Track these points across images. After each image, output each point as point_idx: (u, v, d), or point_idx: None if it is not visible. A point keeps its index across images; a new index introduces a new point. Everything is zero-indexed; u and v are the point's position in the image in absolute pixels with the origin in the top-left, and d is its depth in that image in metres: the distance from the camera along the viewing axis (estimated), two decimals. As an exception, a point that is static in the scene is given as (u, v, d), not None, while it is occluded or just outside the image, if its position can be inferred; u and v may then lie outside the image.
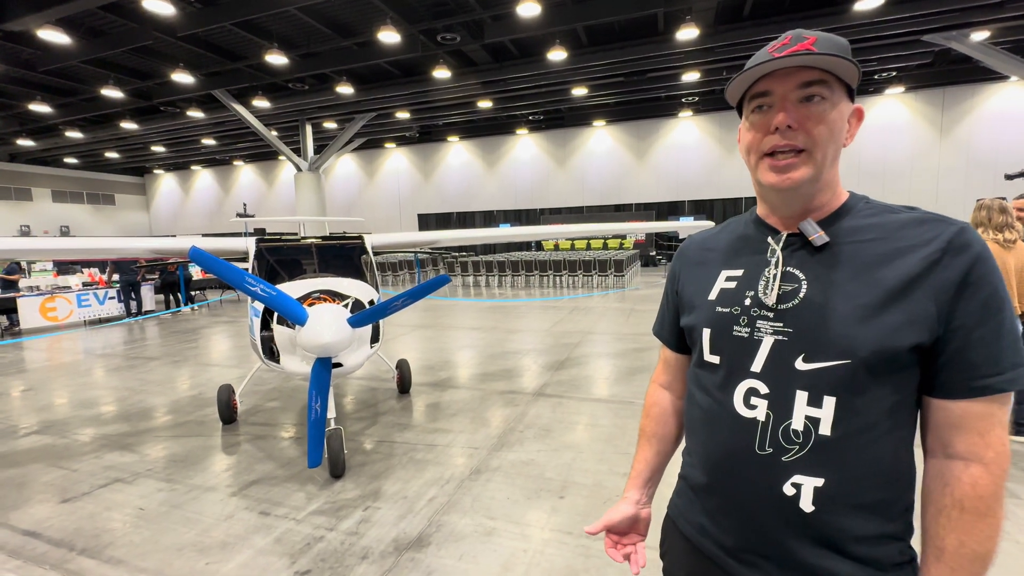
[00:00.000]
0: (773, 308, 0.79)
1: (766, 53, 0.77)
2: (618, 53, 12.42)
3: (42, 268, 14.01)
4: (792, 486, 0.74)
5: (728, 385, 0.83)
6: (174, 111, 16.86)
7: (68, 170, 27.01)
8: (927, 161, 17.64)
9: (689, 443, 0.94)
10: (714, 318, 0.86)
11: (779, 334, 0.78)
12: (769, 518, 0.77)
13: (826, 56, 0.72)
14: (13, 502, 2.97)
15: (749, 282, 0.84)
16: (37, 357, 7.14)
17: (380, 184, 25.58)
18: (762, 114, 0.79)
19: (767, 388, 0.78)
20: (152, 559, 2.38)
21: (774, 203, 0.85)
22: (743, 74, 0.78)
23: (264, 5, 9.53)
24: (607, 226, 6.95)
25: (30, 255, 3.93)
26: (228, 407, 4.03)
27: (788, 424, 0.75)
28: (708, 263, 0.94)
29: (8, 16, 9.25)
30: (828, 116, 0.76)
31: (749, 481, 0.79)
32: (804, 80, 0.75)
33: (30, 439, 3.97)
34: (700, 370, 0.91)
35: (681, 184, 20.73)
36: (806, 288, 0.78)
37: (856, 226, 0.79)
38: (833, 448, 0.73)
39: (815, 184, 0.79)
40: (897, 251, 0.73)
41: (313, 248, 3.96)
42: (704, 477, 0.87)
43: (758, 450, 0.77)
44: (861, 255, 0.75)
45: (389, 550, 2.38)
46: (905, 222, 0.76)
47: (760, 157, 0.80)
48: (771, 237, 0.85)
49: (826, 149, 0.76)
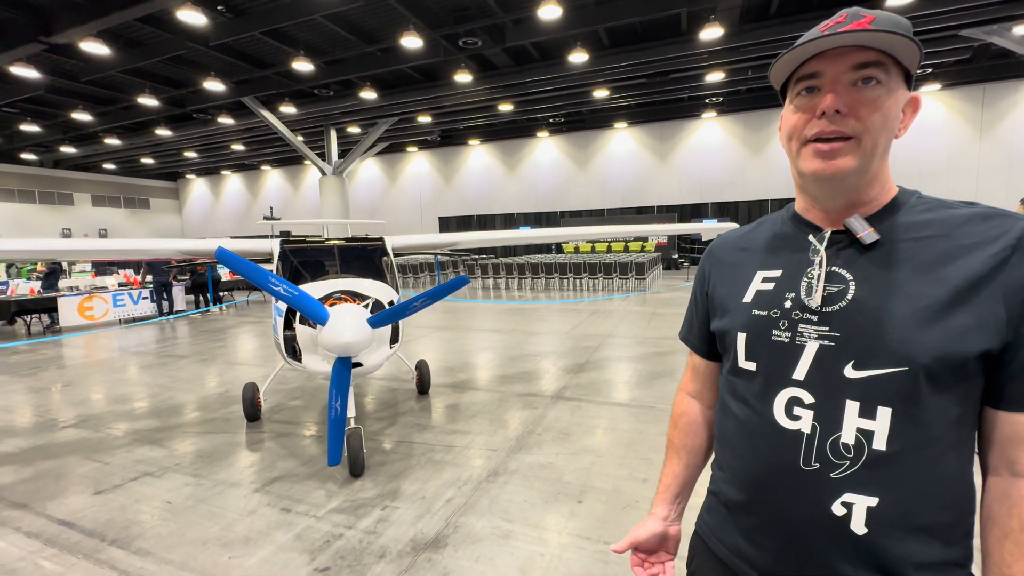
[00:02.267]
0: (817, 311, 0.73)
1: (817, 31, 0.70)
2: (640, 54, 12.31)
3: (82, 269, 14.65)
4: (842, 505, 0.68)
5: (767, 394, 0.77)
6: (206, 118, 17.46)
7: (106, 175, 28.22)
8: (966, 160, 16.93)
9: (721, 456, 0.88)
10: (750, 322, 0.80)
11: (825, 339, 0.72)
12: (816, 540, 0.70)
13: (887, 34, 0.66)
14: (51, 493, 3.10)
15: (789, 283, 0.78)
16: (75, 354, 7.45)
17: (402, 187, 25.92)
18: (809, 97, 0.73)
19: (812, 397, 0.72)
20: (178, 551, 2.44)
21: (816, 195, 0.78)
22: (791, 52, 0.71)
23: (291, 13, 9.79)
24: (627, 228, 6.87)
25: (69, 255, 4.11)
26: (252, 405, 4.12)
27: (837, 437, 0.69)
28: (742, 263, 0.88)
29: (54, 29, 9.74)
30: (883, 103, 0.69)
31: (793, 499, 0.72)
32: (859, 61, 0.69)
33: (68, 432, 4.13)
34: (734, 377, 0.84)
35: (704, 186, 20.39)
36: (855, 289, 0.72)
37: (911, 222, 0.72)
38: (889, 464, 0.66)
39: (862, 176, 0.72)
40: (961, 248, 0.67)
41: (335, 250, 4.03)
42: (741, 494, 0.80)
43: (803, 465, 0.71)
44: (920, 253, 0.69)
45: (406, 550, 2.39)
46: (967, 217, 0.69)
47: (803, 143, 0.74)
48: (813, 235, 0.79)
49: (877, 139, 0.70)
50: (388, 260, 4.22)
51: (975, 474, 0.72)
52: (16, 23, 10.14)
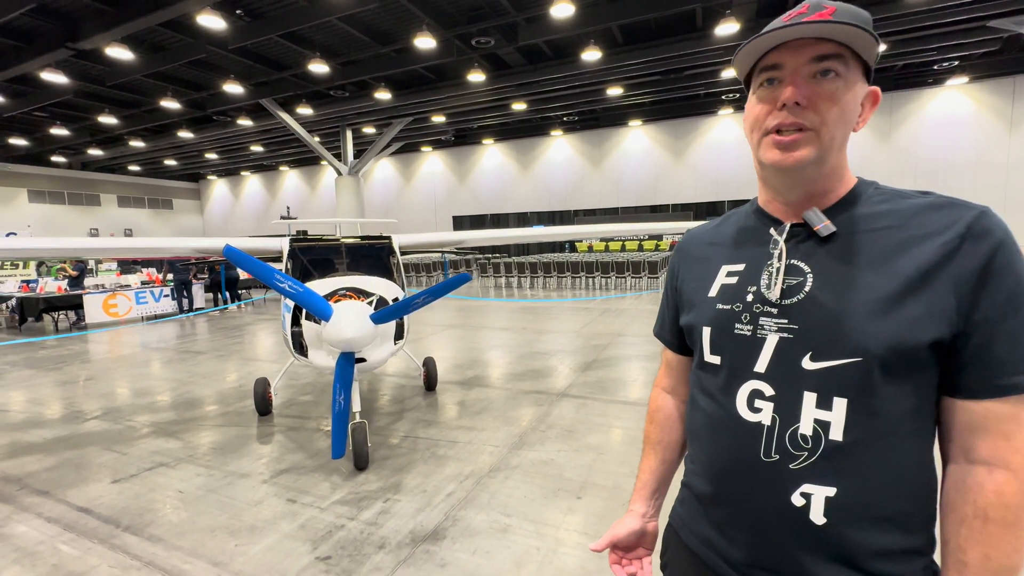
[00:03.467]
0: (777, 304, 0.74)
1: (780, 22, 0.71)
2: (654, 51, 12.22)
3: (107, 268, 15.13)
4: (801, 496, 0.69)
5: (730, 387, 0.78)
6: (225, 120, 17.88)
7: (131, 177, 29.11)
8: (995, 156, 16.37)
9: (692, 449, 0.89)
10: (715, 316, 0.81)
11: (784, 331, 0.73)
12: (778, 531, 0.71)
13: (845, 26, 0.66)
14: (71, 480, 3.23)
15: (751, 277, 0.79)
16: (99, 349, 7.72)
17: (417, 187, 26.15)
18: (771, 89, 0.74)
19: (772, 390, 0.73)
20: (188, 538, 2.53)
21: (776, 186, 0.79)
22: (750, 43, 0.72)
23: (308, 16, 9.97)
24: (639, 226, 6.83)
25: (92, 253, 4.28)
26: (264, 399, 4.22)
27: (796, 428, 0.70)
28: (709, 258, 0.88)
29: (81, 36, 10.10)
30: (841, 96, 0.70)
31: (756, 491, 0.73)
32: (818, 53, 0.69)
33: (90, 424, 4.30)
34: (701, 372, 0.85)
35: (721, 184, 20.11)
36: (812, 281, 0.72)
37: (867, 214, 0.73)
38: (846, 454, 0.67)
39: (820, 167, 0.73)
40: (913, 239, 0.68)
41: (342, 248, 4.11)
42: (709, 486, 0.81)
43: (764, 457, 0.72)
44: (874, 244, 0.70)
45: (406, 541, 2.44)
46: (921, 207, 0.70)
47: (764, 134, 0.75)
48: (773, 228, 0.80)
49: (835, 131, 0.70)
50: (395, 258, 4.29)
51: (937, 463, 0.72)
52: (45, 30, 10.54)
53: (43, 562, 2.37)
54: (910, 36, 11.90)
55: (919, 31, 11.50)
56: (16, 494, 3.07)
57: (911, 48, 12.44)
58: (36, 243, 4.06)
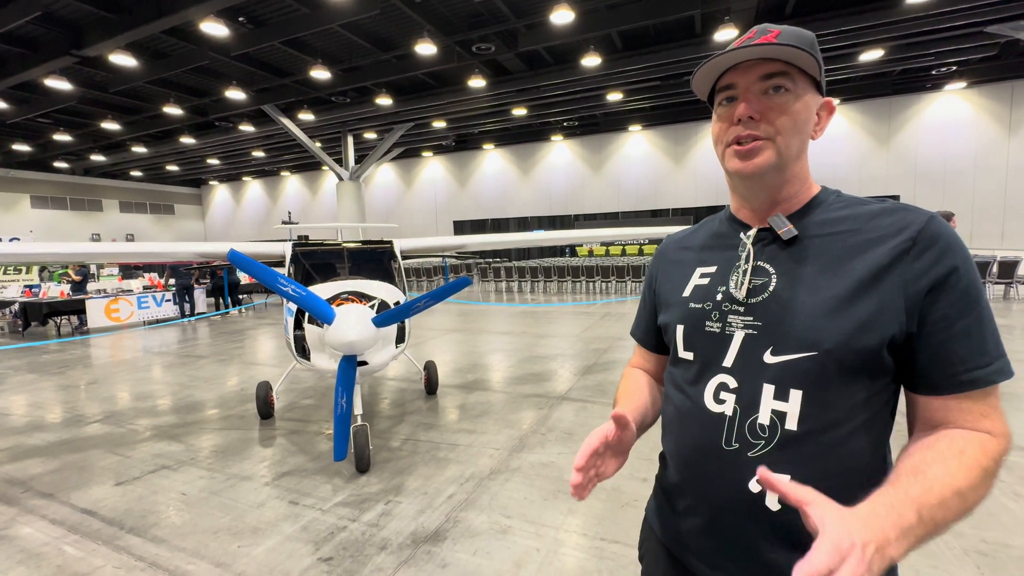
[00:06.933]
0: (744, 302, 0.79)
1: (732, 46, 0.78)
2: (654, 57, 12.29)
3: (109, 273, 15.18)
4: (757, 483, 0.72)
5: (700, 381, 0.82)
6: (227, 126, 17.97)
7: (134, 183, 29.22)
8: (993, 160, 16.40)
9: (664, 443, 0.92)
10: (687, 314, 0.86)
11: (749, 328, 0.77)
12: (736, 517, 0.75)
13: (783, 47, 0.73)
14: (75, 483, 3.25)
15: (722, 278, 0.84)
16: (102, 354, 7.75)
17: (417, 192, 26.22)
18: (729, 106, 0.80)
19: (736, 382, 0.77)
20: (190, 540, 2.55)
21: (743, 193, 0.85)
22: (706, 65, 0.79)
23: (309, 23, 10.06)
24: (639, 230, 6.86)
25: (95, 258, 4.32)
26: (265, 403, 4.25)
27: (755, 418, 0.74)
28: (684, 261, 0.94)
29: (85, 43, 10.18)
30: (791, 107, 0.76)
31: (716, 478, 0.77)
32: (765, 72, 0.76)
33: (92, 427, 4.32)
34: (674, 368, 0.90)
35: (721, 188, 20.14)
36: (776, 281, 0.77)
37: (826, 219, 0.78)
38: (800, 443, 0.71)
39: (781, 173, 0.79)
40: (868, 242, 0.72)
41: (344, 252, 4.15)
42: (676, 475, 0.85)
43: (725, 445, 0.76)
44: (831, 248, 0.75)
45: (407, 542, 2.45)
46: (876, 212, 0.75)
47: (726, 146, 0.81)
48: (743, 232, 0.85)
49: (789, 139, 0.76)
50: (396, 262, 4.32)
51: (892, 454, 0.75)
52: (49, 38, 10.63)
53: (48, 563, 2.39)
54: (908, 41, 11.98)
55: (917, 36, 11.57)
56: (20, 497, 3.09)
57: (909, 53, 12.50)
58: (39, 248, 4.11)
